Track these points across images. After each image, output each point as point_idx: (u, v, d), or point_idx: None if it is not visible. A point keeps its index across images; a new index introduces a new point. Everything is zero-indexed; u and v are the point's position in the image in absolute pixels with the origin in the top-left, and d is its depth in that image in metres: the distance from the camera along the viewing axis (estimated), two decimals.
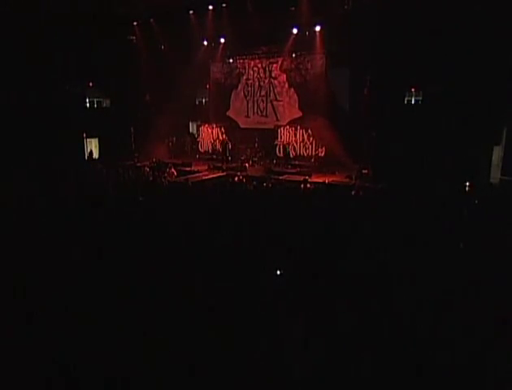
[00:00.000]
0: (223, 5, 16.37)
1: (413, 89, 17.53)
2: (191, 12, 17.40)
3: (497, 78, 14.16)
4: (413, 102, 17.63)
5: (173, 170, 15.81)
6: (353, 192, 11.98)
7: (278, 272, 6.05)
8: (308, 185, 12.84)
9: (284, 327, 4.96)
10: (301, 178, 14.15)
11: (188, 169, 16.91)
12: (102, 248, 6.63)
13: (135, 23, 19.51)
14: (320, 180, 13.97)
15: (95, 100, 23.08)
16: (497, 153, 14.50)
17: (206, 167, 17.22)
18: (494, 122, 14.10)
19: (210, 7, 16.81)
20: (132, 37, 20.07)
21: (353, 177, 14.40)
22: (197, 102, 23.12)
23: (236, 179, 13.79)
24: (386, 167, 13.69)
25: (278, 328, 5.27)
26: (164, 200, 10.39)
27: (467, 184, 13.08)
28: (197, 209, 9.21)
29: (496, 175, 14.44)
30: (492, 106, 13.88)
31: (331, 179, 14.11)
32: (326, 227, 8.26)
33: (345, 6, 14.83)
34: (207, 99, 22.37)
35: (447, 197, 12.04)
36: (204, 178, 14.76)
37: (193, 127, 22.90)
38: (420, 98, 17.58)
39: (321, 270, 6.03)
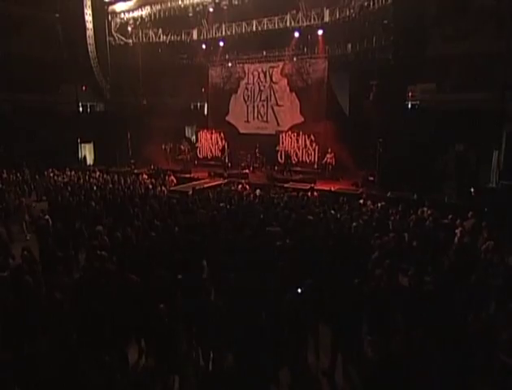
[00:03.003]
0: (224, 8, 15.93)
1: (410, 94, 17.31)
2: (190, 15, 16.93)
3: (497, 83, 14.01)
4: (409, 107, 17.42)
5: (172, 177, 15.30)
6: (361, 201, 11.64)
7: (299, 290, 5.67)
8: (315, 193, 12.46)
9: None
10: (307, 185, 13.78)
11: (187, 176, 16.37)
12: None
13: (132, 27, 19.02)
14: (326, 188, 13.58)
15: (88, 104, 22.54)
16: (496, 157, 14.30)
17: (207, 174, 16.71)
18: (494, 126, 13.92)
19: (211, 10, 16.36)
20: (128, 40, 19.54)
21: (359, 184, 14.03)
22: (192, 107, 22.61)
23: (240, 187, 13.34)
24: (393, 174, 13.37)
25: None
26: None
27: (472, 189, 12.87)
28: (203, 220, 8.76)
29: (495, 179, 14.24)
30: (492, 111, 13.72)
31: (337, 187, 13.72)
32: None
33: (351, 10, 14.49)
34: (203, 104, 21.97)
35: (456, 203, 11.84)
36: (206, 186, 14.25)
37: (188, 132, 22.41)
38: (417, 102, 17.39)
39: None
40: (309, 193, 12.27)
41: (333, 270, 6.34)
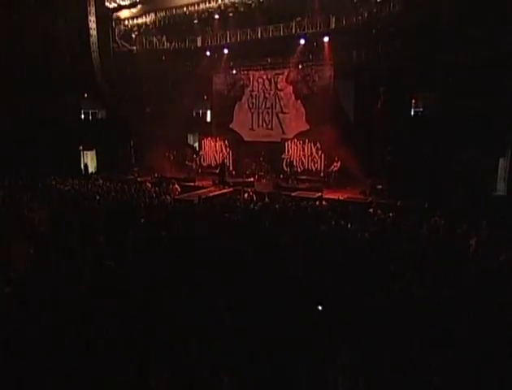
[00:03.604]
0: (230, 14, 15.79)
1: (413, 100, 17.11)
2: (195, 22, 16.79)
3: (502, 90, 13.82)
4: (414, 114, 17.22)
5: (177, 186, 15.06)
6: (371, 210, 11.37)
7: (320, 307, 5.39)
8: (323, 202, 12.18)
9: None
10: (314, 194, 13.52)
11: (192, 184, 16.13)
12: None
13: (136, 34, 18.90)
14: (334, 197, 13.32)
15: (90, 111, 22.37)
16: (503, 165, 14.05)
17: (211, 182, 16.47)
18: (499, 133, 13.69)
19: (217, 16, 16.23)
20: (132, 47, 19.41)
21: (368, 193, 13.76)
22: (194, 114, 22.45)
23: (246, 195, 13.08)
24: (402, 183, 13.11)
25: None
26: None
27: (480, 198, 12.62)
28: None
29: (501, 187, 13.99)
30: (498, 117, 13.50)
31: (345, 196, 13.46)
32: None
33: (358, 18, 14.35)
34: (205, 111, 21.80)
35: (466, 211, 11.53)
36: (211, 194, 13.99)
37: (190, 140, 22.21)
38: (421, 109, 17.20)
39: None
40: (317, 202, 12.01)
41: (351, 284, 6.04)
